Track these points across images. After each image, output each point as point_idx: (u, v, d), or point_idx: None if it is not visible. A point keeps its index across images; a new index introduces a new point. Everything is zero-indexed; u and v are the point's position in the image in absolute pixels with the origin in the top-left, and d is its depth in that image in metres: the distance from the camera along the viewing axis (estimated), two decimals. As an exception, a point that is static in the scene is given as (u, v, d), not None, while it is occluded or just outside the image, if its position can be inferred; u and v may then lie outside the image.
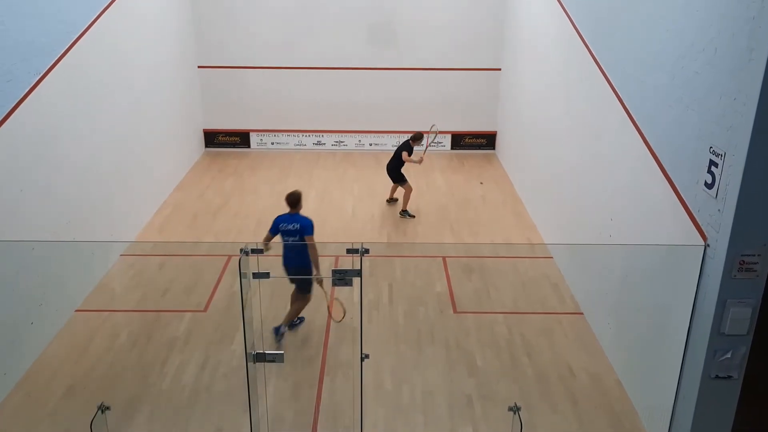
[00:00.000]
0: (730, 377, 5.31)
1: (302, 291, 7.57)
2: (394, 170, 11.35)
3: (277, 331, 7.55)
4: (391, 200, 11.67)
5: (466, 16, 13.61)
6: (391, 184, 11.59)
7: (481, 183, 12.82)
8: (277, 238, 7.41)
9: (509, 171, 13.16)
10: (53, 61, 7.70)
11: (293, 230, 7.31)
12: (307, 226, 7.30)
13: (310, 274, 7.39)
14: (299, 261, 7.40)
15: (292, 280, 7.51)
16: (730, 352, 5.22)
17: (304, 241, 7.27)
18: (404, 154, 11.08)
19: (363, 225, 10.75)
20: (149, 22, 11.06)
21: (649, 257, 6.32)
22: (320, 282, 7.47)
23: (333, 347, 7.45)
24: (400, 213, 11.15)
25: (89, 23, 8.65)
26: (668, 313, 5.83)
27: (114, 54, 9.49)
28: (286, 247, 7.43)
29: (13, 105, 6.87)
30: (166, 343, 7.49)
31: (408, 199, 11.17)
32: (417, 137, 11.29)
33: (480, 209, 11.45)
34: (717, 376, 5.31)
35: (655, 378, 6.14)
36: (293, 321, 7.77)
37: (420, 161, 11.23)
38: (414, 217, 11.07)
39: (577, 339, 7.65)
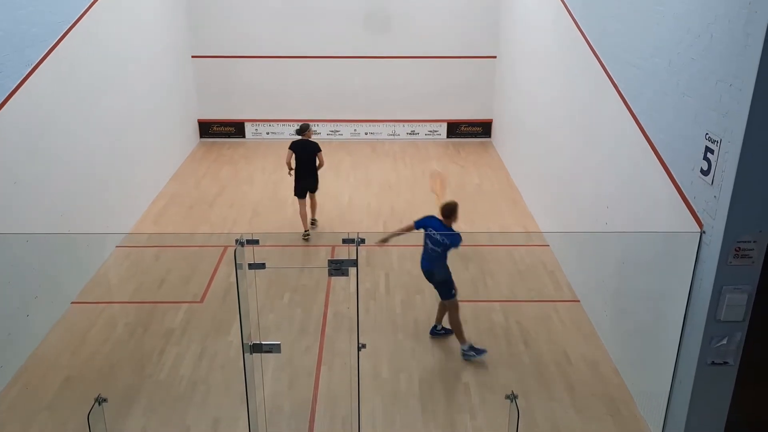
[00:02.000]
0: (726, 363, 5.33)
1: (445, 297, 7.20)
2: (315, 175, 9.76)
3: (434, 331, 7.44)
4: (314, 222, 10.20)
5: (461, 4, 13.54)
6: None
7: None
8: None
9: (505, 159, 13.14)
10: (45, 52, 7.64)
11: (441, 242, 6.99)
12: (456, 243, 6.97)
13: (449, 281, 7.11)
14: (439, 270, 7.11)
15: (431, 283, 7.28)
16: (726, 339, 5.23)
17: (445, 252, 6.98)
18: (321, 155, 9.62)
19: (359, 214, 10.74)
20: (142, 13, 10.97)
21: (645, 244, 6.32)
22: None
23: (330, 337, 7.45)
24: (312, 222, 10.14)
25: (82, 13, 8.57)
26: (664, 299, 5.85)
27: (107, 44, 9.42)
28: (426, 252, 7.19)
29: (5, 96, 6.82)
30: (162, 334, 7.48)
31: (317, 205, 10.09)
32: (304, 128, 9.68)
33: (476, 197, 11.44)
34: (713, 363, 5.32)
35: (651, 364, 6.16)
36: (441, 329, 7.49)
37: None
38: (316, 225, 10.20)
39: (574, 326, 7.66)
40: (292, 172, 9.70)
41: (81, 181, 8.44)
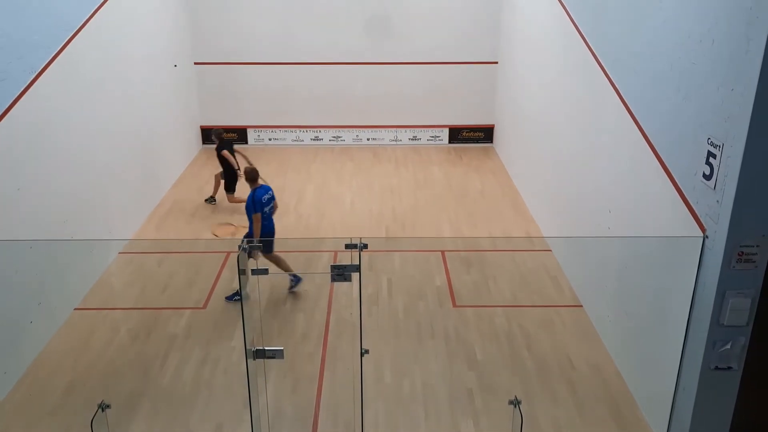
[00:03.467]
0: (729, 368, 5.32)
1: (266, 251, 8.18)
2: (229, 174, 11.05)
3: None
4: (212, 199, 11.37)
5: (462, 10, 13.57)
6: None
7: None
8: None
9: (507, 164, 13.15)
10: (49, 59, 7.67)
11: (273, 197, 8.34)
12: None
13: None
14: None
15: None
16: (730, 343, 5.22)
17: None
18: (226, 153, 10.88)
19: (361, 219, 10.75)
20: (145, 19, 11.01)
21: (648, 249, 6.32)
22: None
23: (333, 342, 7.45)
24: (207, 200, 11.30)
25: (85, 20, 8.61)
26: (667, 304, 5.84)
27: (110, 51, 9.45)
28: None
29: (8, 103, 6.85)
30: (165, 340, 7.49)
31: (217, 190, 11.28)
32: (218, 133, 11.12)
33: (478, 202, 11.45)
34: (717, 367, 5.31)
35: (654, 369, 6.15)
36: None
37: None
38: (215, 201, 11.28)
39: (577, 331, 7.65)
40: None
41: (84, 187, 8.46)
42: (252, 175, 8.28)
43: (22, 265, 6.94)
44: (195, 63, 13.74)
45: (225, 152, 10.86)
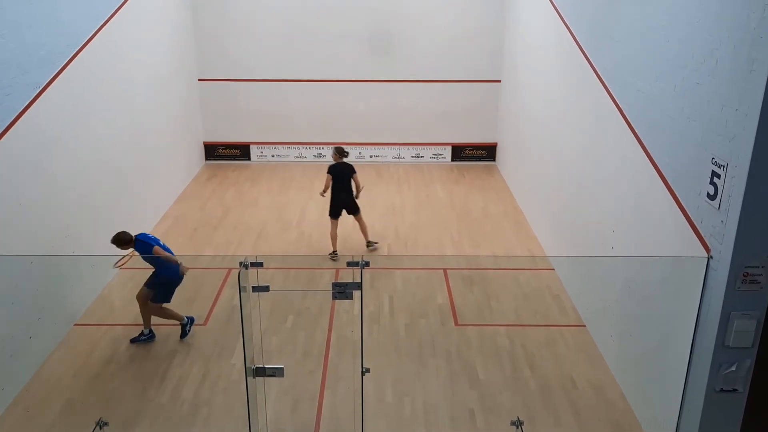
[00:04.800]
0: (735, 390, 5.26)
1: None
2: (351, 198, 9.98)
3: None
4: (369, 243, 10.28)
5: (466, 28, 13.65)
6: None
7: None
8: None
9: (510, 182, 13.14)
10: (53, 75, 7.70)
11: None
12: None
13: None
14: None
15: None
16: (735, 365, 5.17)
17: None
18: (356, 177, 9.92)
19: (363, 237, 10.71)
20: (149, 36, 11.08)
21: (652, 269, 6.28)
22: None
23: (333, 360, 7.39)
24: (367, 246, 10.23)
25: (90, 36, 8.66)
26: (671, 325, 5.79)
27: (114, 67, 9.49)
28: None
29: (12, 119, 6.86)
30: (165, 356, 7.43)
31: (365, 226, 10.24)
32: (341, 150, 9.98)
33: (481, 221, 11.42)
34: (722, 390, 5.25)
35: (659, 391, 6.08)
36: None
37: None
38: (378, 243, 10.38)
39: (580, 351, 7.59)
40: (326, 193, 9.96)
41: (85, 202, 8.45)
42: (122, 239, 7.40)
43: (23, 279, 6.91)
44: (199, 79, 13.81)
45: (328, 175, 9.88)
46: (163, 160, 11.65)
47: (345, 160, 10.01)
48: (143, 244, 7.42)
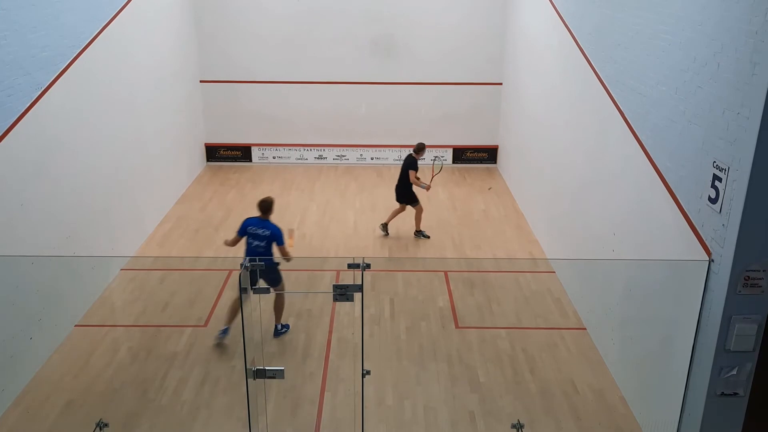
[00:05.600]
0: (736, 394, 5.25)
1: (274, 284, 7.68)
2: (404, 190, 10.75)
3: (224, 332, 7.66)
4: (385, 227, 10.91)
5: (468, 31, 13.65)
6: (392, 206, 11.07)
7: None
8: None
9: (511, 185, 13.14)
10: (55, 76, 7.71)
11: (263, 235, 7.48)
12: (277, 235, 7.47)
13: (276, 269, 7.65)
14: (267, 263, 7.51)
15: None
16: (736, 369, 5.16)
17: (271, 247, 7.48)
18: (411, 174, 10.59)
19: (365, 239, 10.72)
20: (151, 37, 11.09)
21: (653, 272, 6.27)
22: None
23: (334, 363, 7.39)
24: (415, 233, 10.86)
25: (92, 38, 8.67)
26: (672, 328, 5.78)
27: (116, 68, 9.51)
28: (251, 251, 7.52)
29: (14, 120, 6.87)
30: (165, 358, 7.43)
31: (420, 219, 10.83)
32: (419, 148, 10.73)
33: (482, 223, 11.42)
34: (723, 393, 5.25)
35: (659, 394, 6.07)
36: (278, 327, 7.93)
37: (428, 188, 10.79)
38: (429, 237, 10.81)
39: (581, 354, 7.58)
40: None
41: (87, 203, 8.46)
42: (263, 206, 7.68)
43: (24, 280, 6.92)
44: (200, 81, 13.82)
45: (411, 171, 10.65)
46: (164, 162, 11.66)
47: (413, 152, 10.77)
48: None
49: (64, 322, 7.82)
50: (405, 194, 10.74)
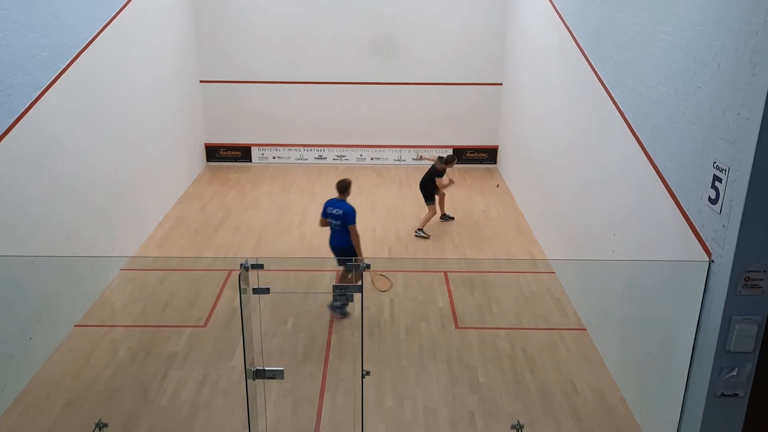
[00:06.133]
0: (736, 395, 5.25)
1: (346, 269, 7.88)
2: (426, 189, 11.21)
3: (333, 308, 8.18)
4: (445, 216, 11.58)
5: (467, 31, 13.65)
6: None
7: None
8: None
9: (511, 185, 13.13)
10: (55, 76, 7.71)
11: (337, 215, 8.05)
12: (349, 214, 7.99)
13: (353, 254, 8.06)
14: (345, 243, 8.12)
15: (338, 261, 8.27)
16: (736, 370, 5.16)
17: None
18: (439, 181, 11.04)
19: (364, 239, 10.67)
20: (151, 37, 11.09)
21: (653, 273, 6.27)
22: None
23: (333, 363, 7.38)
24: (416, 232, 10.94)
25: (92, 37, 8.67)
26: (672, 329, 5.78)
27: (116, 68, 9.51)
28: (332, 230, 8.23)
29: (13, 120, 6.87)
30: (165, 358, 7.43)
31: (428, 220, 11.02)
32: (450, 160, 11.29)
33: (482, 224, 11.41)
34: (723, 394, 5.24)
35: (659, 395, 6.07)
36: (342, 308, 8.23)
37: (452, 182, 11.27)
38: (428, 237, 10.85)
39: (581, 355, 7.58)
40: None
41: (87, 203, 8.46)
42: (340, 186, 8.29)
43: (23, 280, 6.91)
44: (200, 81, 13.81)
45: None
46: (164, 162, 11.66)
47: (443, 162, 11.20)
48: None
49: (63, 322, 7.82)
50: (428, 195, 11.16)
